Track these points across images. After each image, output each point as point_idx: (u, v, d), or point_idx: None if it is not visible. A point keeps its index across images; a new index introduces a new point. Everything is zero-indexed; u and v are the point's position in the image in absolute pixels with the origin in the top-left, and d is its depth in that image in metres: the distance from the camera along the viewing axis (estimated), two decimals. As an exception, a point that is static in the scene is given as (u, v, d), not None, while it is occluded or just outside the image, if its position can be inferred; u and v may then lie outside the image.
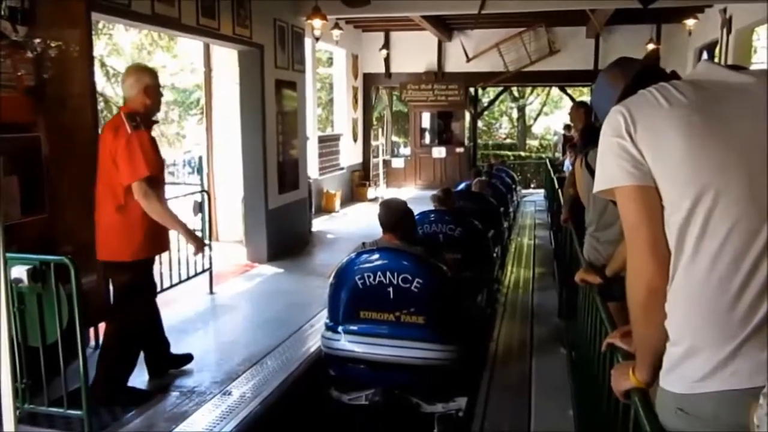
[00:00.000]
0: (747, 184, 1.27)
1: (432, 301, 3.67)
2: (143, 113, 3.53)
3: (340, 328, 3.79)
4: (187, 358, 4.19)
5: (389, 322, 3.69)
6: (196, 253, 3.97)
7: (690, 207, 1.29)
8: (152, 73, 3.67)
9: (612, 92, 1.66)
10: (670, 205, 1.33)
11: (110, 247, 3.54)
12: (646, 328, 1.42)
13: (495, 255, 6.14)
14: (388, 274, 3.63)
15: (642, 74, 1.61)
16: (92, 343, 4.41)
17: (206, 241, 5.79)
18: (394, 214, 3.99)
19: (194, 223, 5.89)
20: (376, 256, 3.75)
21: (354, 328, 3.75)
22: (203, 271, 5.76)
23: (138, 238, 3.51)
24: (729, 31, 8.92)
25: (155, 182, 3.50)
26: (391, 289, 3.64)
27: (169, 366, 4.07)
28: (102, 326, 4.43)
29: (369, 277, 3.67)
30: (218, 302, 5.74)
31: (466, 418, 3.68)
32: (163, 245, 3.81)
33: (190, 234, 3.79)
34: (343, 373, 3.87)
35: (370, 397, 3.72)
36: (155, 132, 3.82)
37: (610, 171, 1.40)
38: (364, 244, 4.01)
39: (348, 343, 3.76)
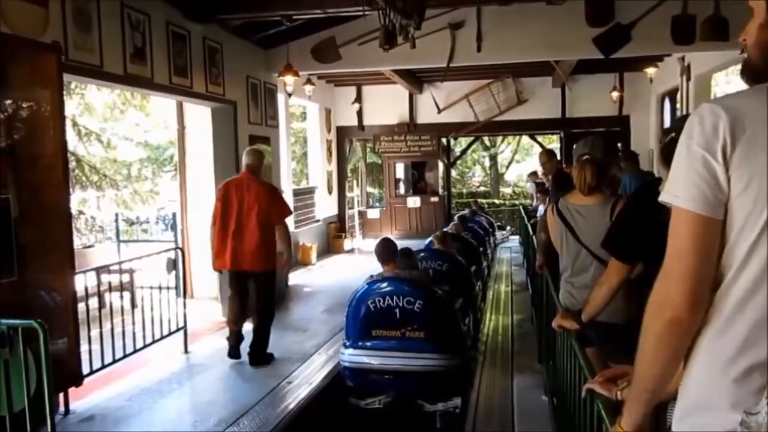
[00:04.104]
0: None
1: (430, 319, 4.47)
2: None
3: (357, 344, 4.56)
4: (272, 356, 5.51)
5: (396, 337, 4.48)
6: (285, 271, 5.71)
7: None
8: (263, 155, 5.55)
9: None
10: (736, 250, 1.14)
11: (261, 260, 5.19)
12: (652, 363, 1.25)
13: (477, 288, 7.11)
14: (395, 297, 4.45)
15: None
16: (61, 409, 4.23)
17: (181, 298, 5.72)
18: (389, 247, 4.89)
19: (168, 280, 5.81)
20: (385, 283, 4.59)
21: (368, 344, 4.55)
22: (177, 329, 5.62)
23: (272, 254, 5.22)
24: (689, 78, 9.26)
25: None
26: (397, 310, 4.46)
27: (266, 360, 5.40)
28: (72, 391, 4.27)
29: (380, 301, 4.49)
30: (193, 361, 5.60)
31: (461, 414, 4.43)
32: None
33: (290, 253, 5.49)
34: (360, 382, 4.67)
35: (383, 400, 4.53)
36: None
37: (679, 186, 1.17)
38: (372, 276, 4.77)
39: (364, 357, 4.54)
